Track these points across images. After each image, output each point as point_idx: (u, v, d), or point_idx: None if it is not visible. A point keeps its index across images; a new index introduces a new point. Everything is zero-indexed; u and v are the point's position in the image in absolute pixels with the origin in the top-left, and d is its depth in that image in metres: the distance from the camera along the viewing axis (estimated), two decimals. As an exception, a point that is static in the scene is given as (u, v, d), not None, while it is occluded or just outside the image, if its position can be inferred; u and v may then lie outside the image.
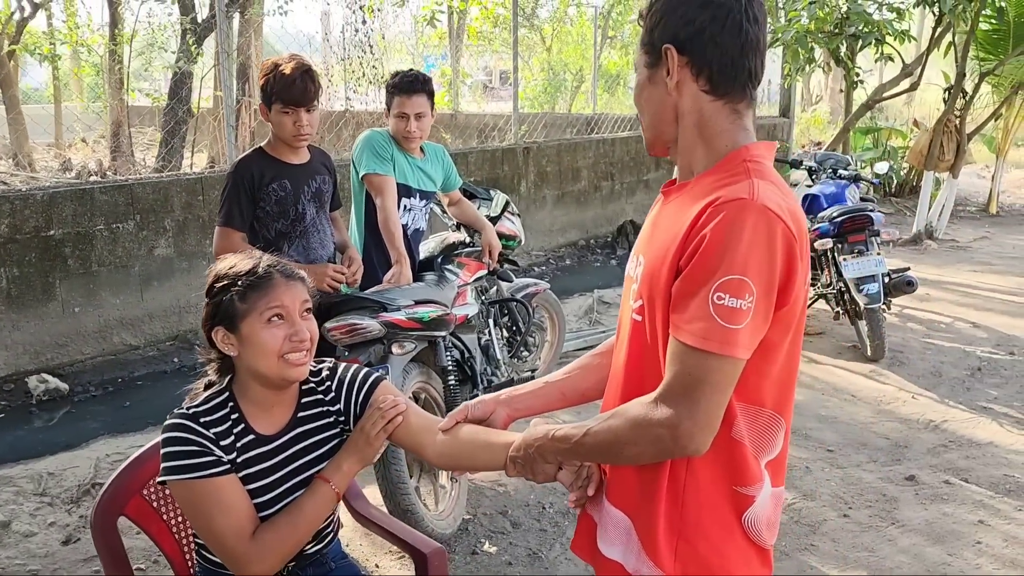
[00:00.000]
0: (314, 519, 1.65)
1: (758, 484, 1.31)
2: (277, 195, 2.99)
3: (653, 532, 1.31)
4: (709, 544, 1.30)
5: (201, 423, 1.59)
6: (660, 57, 1.31)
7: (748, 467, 1.29)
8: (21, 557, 3.03)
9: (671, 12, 1.30)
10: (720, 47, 1.27)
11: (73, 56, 12.82)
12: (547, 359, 4.69)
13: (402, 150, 3.49)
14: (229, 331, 1.61)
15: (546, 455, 1.41)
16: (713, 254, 1.16)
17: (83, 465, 3.62)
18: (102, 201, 4.92)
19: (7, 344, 4.61)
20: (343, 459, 1.68)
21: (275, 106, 2.93)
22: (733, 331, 1.15)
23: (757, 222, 1.16)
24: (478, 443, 1.59)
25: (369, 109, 9.72)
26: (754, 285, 1.15)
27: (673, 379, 1.20)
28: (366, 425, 1.67)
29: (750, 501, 1.31)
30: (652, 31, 1.32)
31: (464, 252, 3.82)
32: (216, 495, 1.56)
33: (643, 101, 1.38)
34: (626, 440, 1.25)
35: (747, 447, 1.29)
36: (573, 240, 8.63)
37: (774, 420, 1.31)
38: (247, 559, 1.58)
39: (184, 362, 5.13)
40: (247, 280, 1.61)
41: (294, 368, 1.62)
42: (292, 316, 1.62)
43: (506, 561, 3.06)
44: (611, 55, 19.27)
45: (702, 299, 1.15)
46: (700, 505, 1.30)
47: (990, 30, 8.88)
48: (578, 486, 1.44)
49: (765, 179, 1.25)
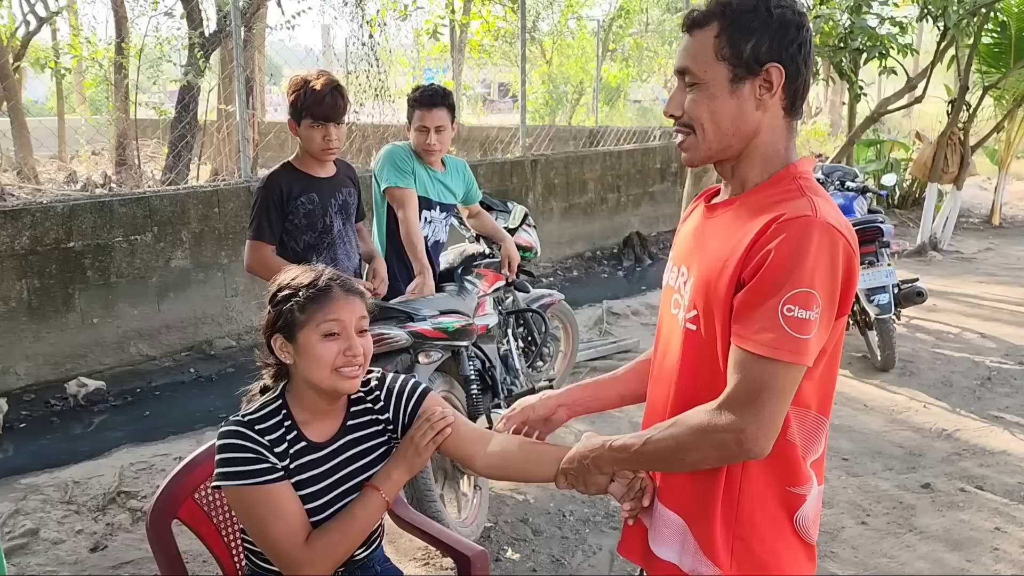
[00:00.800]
0: (365, 525, 1.70)
1: (808, 484, 1.37)
2: (306, 208, 3.05)
3: (710, 533, 1.36)
4: (763, 543, 1.35)
5: (256, 430, 1.64)
6: (754, 73, 1.32)
7: (799, 468, 1.35)
8: (51, 564, 3.06)
9: (777, 31, 1.31)
10: (808, 69, 1.34)
11: (77, 69, 12.90)
12: (561, 369, 4.74)
13: (423, 163, 3.54)
14: (287, 340, 1.66)
15: (602, 466, 1.45)
16: (782, 268, 1.21)
17: (107, 473, 3.65)
18: (120, 213, 4.97)
19: (28, 354, 4.66)
20: (392, 468, 1.72)
21: (305, 121, 2.99)
22: (802, 341, 1.21)
23: (822, 238, 1.22)
24: (529, 456, 1.65)
25: (374, 122, 9.78)
26: (820, 297, 1.21)
27: (738, 386, 1.25)
28: (415, 436, 1.72)
29: (801, 500, 1.36)
30: (748, 46, 1.31)
31: (483, 263, 3.88)
32: (271, 501, 1.60)
33: (715, 113, 1.36)
34: (689, 447, 1.29)
35: (798, 448, 1.35)
36: (580, 252, 8.69)
37: (819, 421, 1.37)
38: (301, 564, 1.62)
39: (201, 372, 5.17)
40: (307, 292, 1.65)
41: (346, 381, 1.67)
42: (348, 331, 1.66)
43: (530, 568, 3.10)
44: (611, 68, 19.40)
45: (770, 310, 1.21)
46: (755, 506, 1.35)
47: (992, 44, 8.99)
48: (630, 497, 1.47)
49: (819, 196, 1.30)
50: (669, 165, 9.93)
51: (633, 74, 20.65)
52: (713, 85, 1.34)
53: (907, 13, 8.36)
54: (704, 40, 1.34)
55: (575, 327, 4.75)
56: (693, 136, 1.39)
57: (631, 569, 3.06)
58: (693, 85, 1.36)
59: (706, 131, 1.37)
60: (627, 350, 5.54)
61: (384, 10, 10.40)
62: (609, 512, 3.44)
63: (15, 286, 4.60)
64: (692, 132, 1.39)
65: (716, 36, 1.33)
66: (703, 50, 1.34)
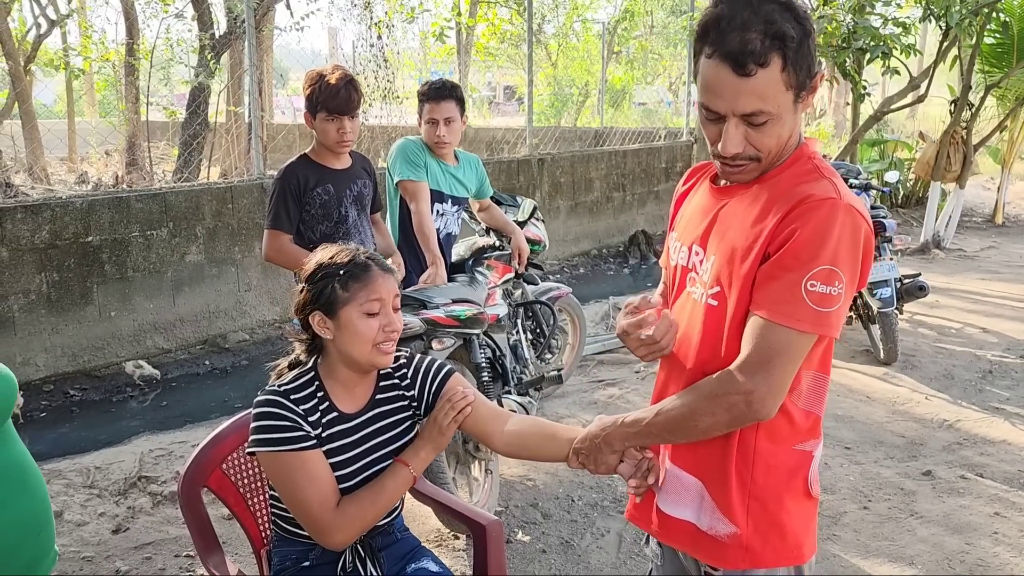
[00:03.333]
0: (393, 497, 1.78)
1: (813, 440, 1.45)
2: (321, 199, 3.14)
3: (727, 493, 1.43)
4: (777, 501, 1.43)
5: (291, 400, 1.72)
6: (810, 86, 1.35)
7: (806, 426, 1.44)
8: (75, 545, 3.15)
9: (812, 40, 1.33)
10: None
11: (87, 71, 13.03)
12: (568, 362, 4.82)
13: (435, 157, 3.63)
14: (327, 316, 1.73)
15: (613, 443, 1.52)
16: (808, 245, 1.29)
17: (128, 460, 3.75)
18: (137, 209, 5.08)
19: (47, 347, 4.76)
20: (420, 446, 1.81)
21: (320, 114, 3.08)
22: (824, 313, 1.29)
23: (845, 220, 1.30)
24: (544, 435, 1.75)
25: (382, 124, 9.88)
26: (843, 274, 1.29)
27: (752, 351, 1.32)
28: (438, 416, 1.80)
29: (809, 457, 1.45)
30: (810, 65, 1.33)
31: (493, 255, 3.96)
32: (304, 467, 1.68)
33: (781, 136, 1.37)
34: (701, 412, 1.36)
35: (803, 408, 1.43)
36: (586, 250, 8.77)
37: (822, 380, 1.44)
38: (331, 528, 1.70)
39: (215, 365, 5.27)
40: (349, 270, 1.73)
41: (384, 356, 1.75)
42: (387, 308, 1.75)
43: (540, 549, 3.18)
44: (616, 70, 19.49)
45: (793, 283, 1.29)
46: (768, 466, 1.42)
47: (995, 44, 9.06)
48: (638, 476, 1.56)
49: (836, 178, 1.38)
50: (674, 164, 10.01)
51: (638, 76, 20.74)
52: (784, 113, 1.34)
53: (910, 14, 8.44)
54: (770, 78, 1.29)
55: (583, 320, 4.84)
56: (756, 164, 1.39)
57: (641, 540, 3.15)
58: (763, 122, 1.33)
59: (771, 153, 1.38)
60: (633, 344, 5.61)
61: (391, 12, 10.50)
62: (616, 497, 3.52)
63: (35, 279, 4.70)
64: (756, 160, 1.39)
65: (782, 70, 1.30)
66: (773, 88, 1.30)
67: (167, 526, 3.31)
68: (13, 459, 1.55)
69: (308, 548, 1.82)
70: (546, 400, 4.51)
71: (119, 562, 3.05)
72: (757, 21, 1.27)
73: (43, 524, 1.53)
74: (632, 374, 5.07)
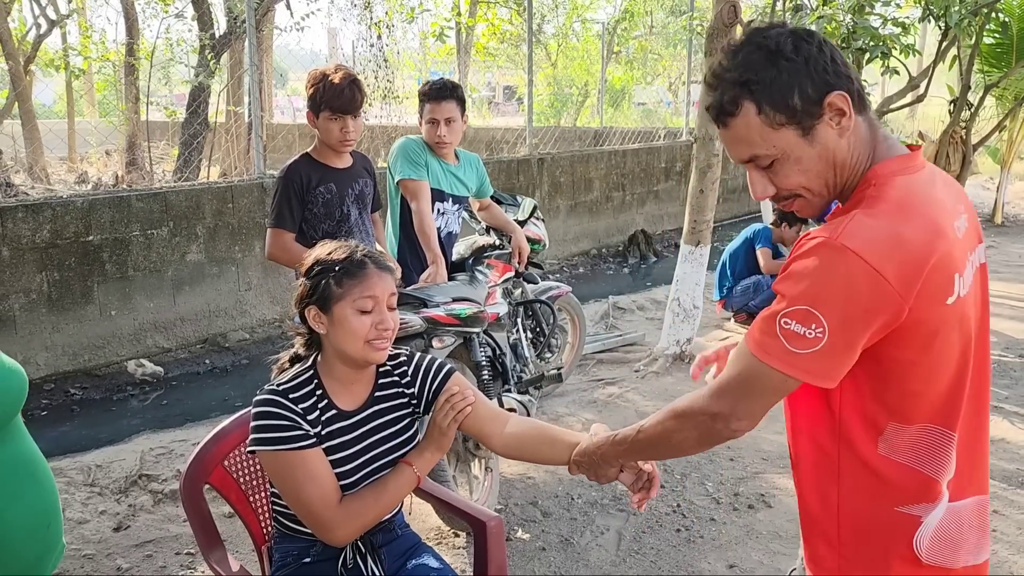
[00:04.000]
0: (396, 496, 1.80)
1: (925, 504, 1.30)
2: (324, 197, 3.15)
3: (816, 549, 1.39)
4: (872, 564, 1.33)
5: (290, 399, 1.73)
6: (818, 114, 1.27)
7: (911, 486, 1.29)
8: (76, 542, 3.16)
9: (809, 67, 1.27)
10: (848, 66, 1.30)
11: (87, 71, 13.04)
12: (568, 360, 4.83)
13: (436, 156, 3.64)
14: (322, 311, 1.75)
15: (609, 459, 1.57)
16: (787, 282, 1.24)
17: (129, 458, 3.76)
18: (137, 208, 5.09)
19: (47, 345, 4.77)
20: (424, 448, 1.83)
21: (323, 113, 3.09)
22: (797, 355, 1.21)
23: (833, 262, 1.19)
24: (543, 439, 1.78)
25: (383, 124, 9.90)
26: (824, 319, 1.19)
27: (726, 373, 1.30)
28: (438, 417, 1.81)
29: (916, 521, 1.30)
30: (795, 99, 1.27)
31: (494, 254, 3.97)
32: (305, 466, 1.69)
33: (807, 171, 1.31)
34: (673, 429, 1.36)
35: (903, 463, 1.29)
36: (586, 249, 8.78)
37: (932, 434, 1.29)
38: (333, 524, 1.71)
39: (215, 364, 5.28)
40: (344, 266, 1.74)
41: (376, 352, 1.76)
42: (380, 306, 1.76)
43: (539, 547, 3.19)
44: (616, 70, 19.51)
45: (771, 316, 1.24)
46: (858, 526, 1.32)
47: (994, 44, 9.08)
48: (638, 487, 1.61)
49: (874, 209, 1.24)
50: (673, 164, 10.03)
51: (638, 76, 20.76)
52: (791, 150, 1.29)
53: (909, 14, 8.45)
54: (748, 123, 1.29)
55: (582, 319, 4.85)
56: (802, 199, 1.35)
57: (640, 537, 3.16)
58: (772, 164, 1.31)
59: (810, 188, 1.33)
60: (632, 343, 5.63)
61: (391, 12, 10.52)
62: (616, 495, 3.53)
63: (35, 278, 4.71)
64: (797, 196, 1.35)
65: (758, 113, 1.28)
66: (756, 131, 1.29)
67: (168, 524, 3.31)
68: (24, 453, 1.57)
69: (309, 544, 1.83)
70: (546, 398, 4.52)
71: (120, 560, 3.06)
72: (729, 72, 1.29)
73: (52, 517, 1.55)
74: (631, 373, 5.08)
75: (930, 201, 1.26)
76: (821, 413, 1.33)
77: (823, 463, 1.34)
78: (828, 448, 1.32)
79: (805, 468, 1.39)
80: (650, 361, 5.14)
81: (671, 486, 3.60)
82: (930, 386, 1.27)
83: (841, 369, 1.23)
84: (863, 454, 1.29)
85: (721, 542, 3.18)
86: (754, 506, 3.44)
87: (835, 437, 1.31)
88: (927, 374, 1.26)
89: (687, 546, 3.15)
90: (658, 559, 3.07)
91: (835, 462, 1.32)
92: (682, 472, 3.72)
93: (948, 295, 1.22)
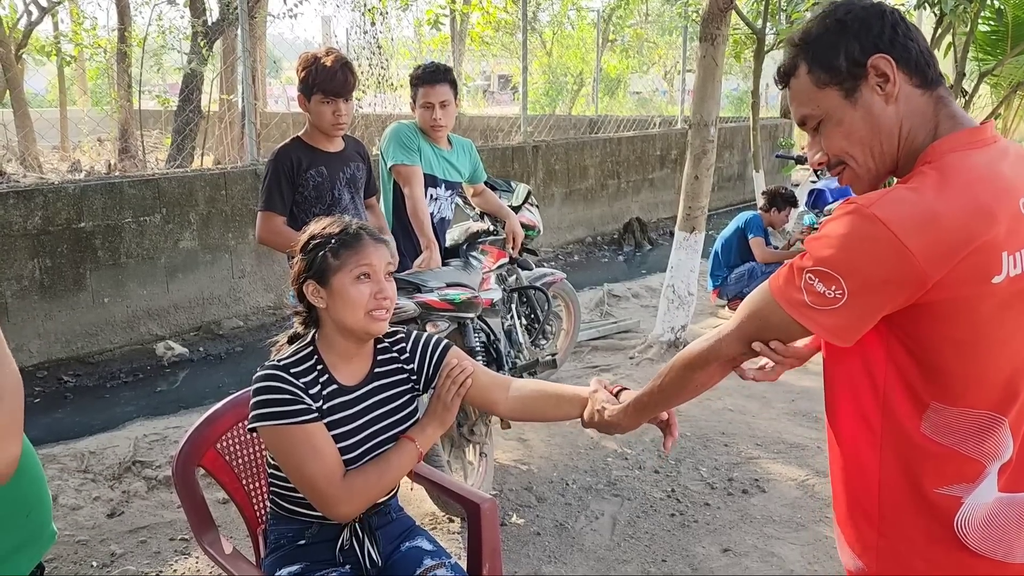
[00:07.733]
0: (398, 472, 1.80)
1: (963, 484, 1.28)
2: (315, 181, 3.14)
3: (856, 529, 1.38)
4: (911, 545, 1.32)
5: (291, 374, 1.72)
6: (861, 76, 1.29)
7: (949, 466, 1.28)
8: (70, 528, 3.15)
9: (859, 30, 1.29)
10: (917, 41, 1.30)
11: (79, 58, 12.96)
12: (563, 347, 4.82)
13: (429, 141, 3.62)
14: (320, 285, 1.74)
15: (631, 425, 1.65)
16: (820, 244, 1.24)
17: (122, 445, 3.75)
18: (130, 195, 5.06)
19: (40, 333, 4.75)
20: (426, 423, 1.83)
21: (315, 96, 3.07)
22: (812, 308, 1.25)
23: (859, 228, 1.21)
24: (548, 397, 1.82)
25: (376, 112, 9.86)
26: (845, 283, 1.21)
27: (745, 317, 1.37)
28: (441, 393, 1.82)
29: (956, 503, 1.28)
30: (840, 59, 1.29)
31: (488, 240, 3.96)
32: (308, 441, 1.68)
33: (850, 133, 1.33)
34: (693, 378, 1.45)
35: (941, 443, 1.27)
36: (581, 237, 8.78)
37: (980, 418, 1.26)
38: (337, 500, 1.70)
39: (209, 351, 5.26)
40: (340, 239, 1.74)
41: (377, 323, 1.76)
42: (378, 275, 1.76)
43: (534, 532, 3.19)
44: (611, 59, 19.46)
45: (800, 270, 1.26)
46: (899, 506, 1.32)
47: (989, 31, 9.05)
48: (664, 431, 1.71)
49: (918, 184, 1.24)
50: (668, 152, 10.01)
51: (633, 65, 20.72)
52: (833, 111, 1.33)
53: (905, 1, 8.43)
54: (801, 82, 1.34)
55: (577, 306, 4.84)
56: (849, 168, 1.36)
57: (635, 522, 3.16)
58: (818, 126, 1.35)
59: (854, 155, 1.35)
60: (627, 330, 5.63)
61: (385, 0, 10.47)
62: (611, 480, 3.54)
63: (27, 265, 4.69)
64: (845, 165, 1.36)
65: (808, 72, 1.33)
66: (806, 90, 1.34)
67: (162, 510, 3.31)
68: None
69: (305, 526, 1.82)
70: (541, 385, 4.51)
71: (114, 545, 3.05)
72: (795, 35, 1.36)
73: (33, 506, 1.50)
74: (626, 360, 5.08)
75: (987, 178, 1.23)
76: (866, 387, 1.32)
77: (866, 437, 1.33)
78: (873, 422, 1.31)
79: (846, 443, 1.37)
80: (645, 348, 5.15)
81: (665, 471, 3.61)
82: (987, 368, 1.24)
83: (854, 331, 1.26)
84: (907, 430, 1.28)
85: (715, 526, 3.18)
86: (748, 491, 3.45)
87: (881, 411, 1.31)
88: (983, 355, 1.24)
89: (682, 531, 3.16)
90: (652, 543, 3.08)
91: (879, 436, 1.31)
92: (676, 457, 3.73)
93: (994, 274, 1.19)
